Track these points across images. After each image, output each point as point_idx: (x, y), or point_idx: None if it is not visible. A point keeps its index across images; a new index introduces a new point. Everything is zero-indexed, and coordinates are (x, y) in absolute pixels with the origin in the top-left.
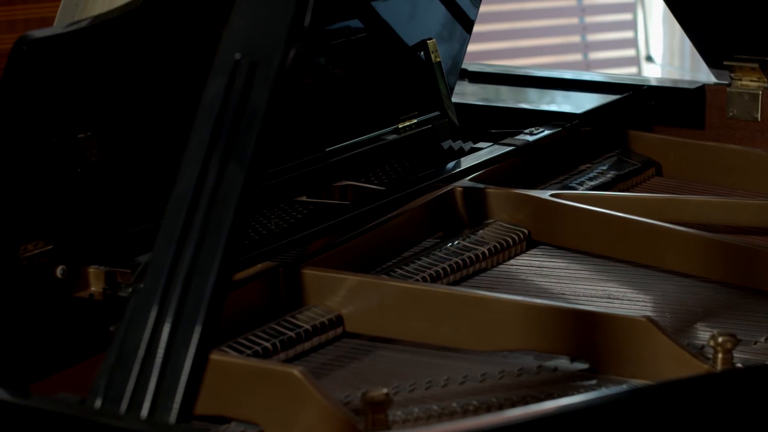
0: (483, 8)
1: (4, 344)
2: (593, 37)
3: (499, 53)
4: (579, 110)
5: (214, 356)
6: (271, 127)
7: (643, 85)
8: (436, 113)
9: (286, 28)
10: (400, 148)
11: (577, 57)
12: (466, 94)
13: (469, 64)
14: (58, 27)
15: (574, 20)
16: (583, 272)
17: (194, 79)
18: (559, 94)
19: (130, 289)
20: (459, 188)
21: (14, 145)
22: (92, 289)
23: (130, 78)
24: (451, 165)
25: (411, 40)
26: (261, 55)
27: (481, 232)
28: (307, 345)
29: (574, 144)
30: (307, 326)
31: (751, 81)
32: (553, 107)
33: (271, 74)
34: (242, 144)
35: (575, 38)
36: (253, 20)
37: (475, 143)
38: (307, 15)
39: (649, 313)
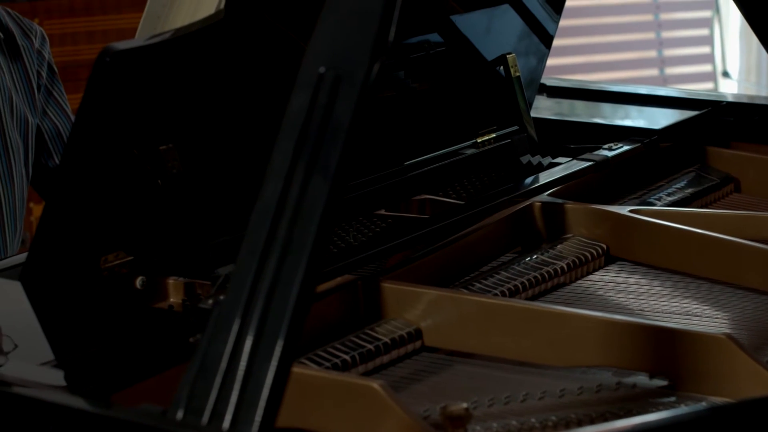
0: (559, 23)
1: (85, 354)
2: (670, 52)
3: (575, 68)
4: (655, 126)
5: (294, 368)
6: (355, 141)
7: (722, 101)
8: (515, 128)
9: (370, 42)
10: (479, 163)
11: (654, 72)
12: (540, 108)
13: (546, 79)
14: (140, 39)
15: (651, 35)
16: (662, 288)
17: (275, 92)
18: (635, 110)
19: (212, 301)
20: (538, 203)
21: (96, 156)
22: (171, 300)
23: (212, 90)
24: (529, 180)
25: (490, 54)
26: (345, 69)
27: (559, 246)
28: (385, 358)
29: (652, 159)
30: (385, 339)
31: None
32: (627, 122)
33: (356, 88)
34: (326, 157)
35: (652, 53)
36: (338, 34)
37: (553, 158)
38: (392, 29)
39: (728, 331)
